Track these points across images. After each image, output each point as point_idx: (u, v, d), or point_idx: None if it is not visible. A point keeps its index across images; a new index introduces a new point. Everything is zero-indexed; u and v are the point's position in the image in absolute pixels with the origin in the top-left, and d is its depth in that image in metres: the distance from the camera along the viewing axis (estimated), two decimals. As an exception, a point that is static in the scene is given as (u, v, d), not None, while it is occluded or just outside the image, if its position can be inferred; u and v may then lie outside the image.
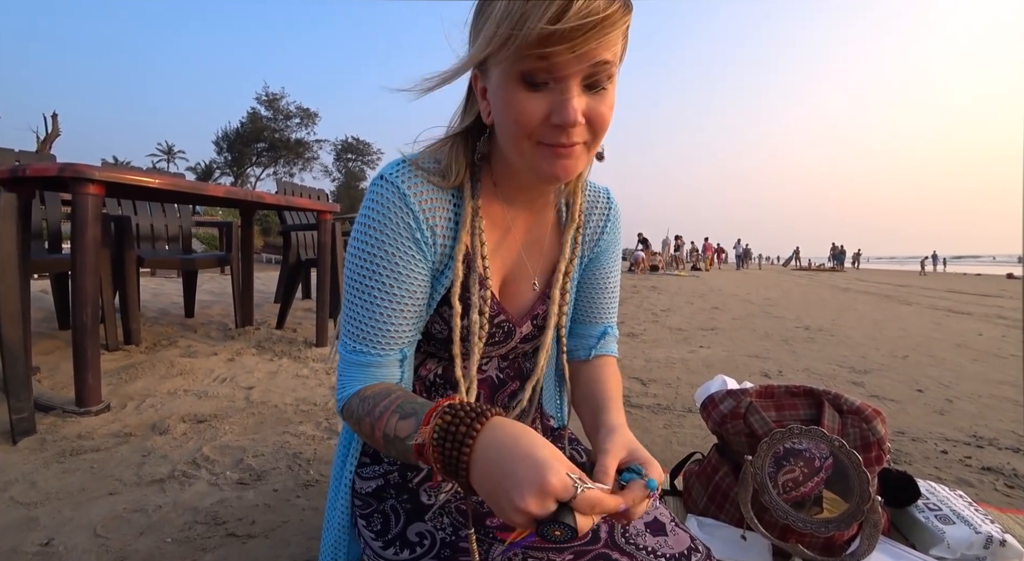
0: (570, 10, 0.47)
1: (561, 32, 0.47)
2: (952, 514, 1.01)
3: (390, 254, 0.59)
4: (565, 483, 0.40)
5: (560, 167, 0.55)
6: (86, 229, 1.57)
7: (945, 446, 1.65)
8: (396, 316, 0.61)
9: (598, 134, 0.56)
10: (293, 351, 2.56)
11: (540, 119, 0.52)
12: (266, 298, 4.54)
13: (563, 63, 0.50)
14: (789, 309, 5.90)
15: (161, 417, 1.62)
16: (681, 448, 1.53)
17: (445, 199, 0.63)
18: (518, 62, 0.50)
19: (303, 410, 1.74)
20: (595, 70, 0.51)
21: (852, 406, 0.99)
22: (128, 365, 2.15)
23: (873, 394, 2.25)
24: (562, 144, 0.53)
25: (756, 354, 3.06)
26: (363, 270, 0.60)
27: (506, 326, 0.69)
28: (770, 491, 0.90)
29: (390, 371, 0.63)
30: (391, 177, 0.60)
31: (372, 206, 0.60)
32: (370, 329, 0.61)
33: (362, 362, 0.62)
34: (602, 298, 0.78)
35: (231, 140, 34.68)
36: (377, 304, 0.60)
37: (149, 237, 2.96)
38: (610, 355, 0.80)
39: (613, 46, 0.51)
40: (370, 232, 0.60)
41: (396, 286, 0.60)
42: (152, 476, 1.24)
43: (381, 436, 0.54)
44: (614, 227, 0.78)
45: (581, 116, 0.52)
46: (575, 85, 0.51)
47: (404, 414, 0.53)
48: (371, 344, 0.61)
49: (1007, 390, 2.42)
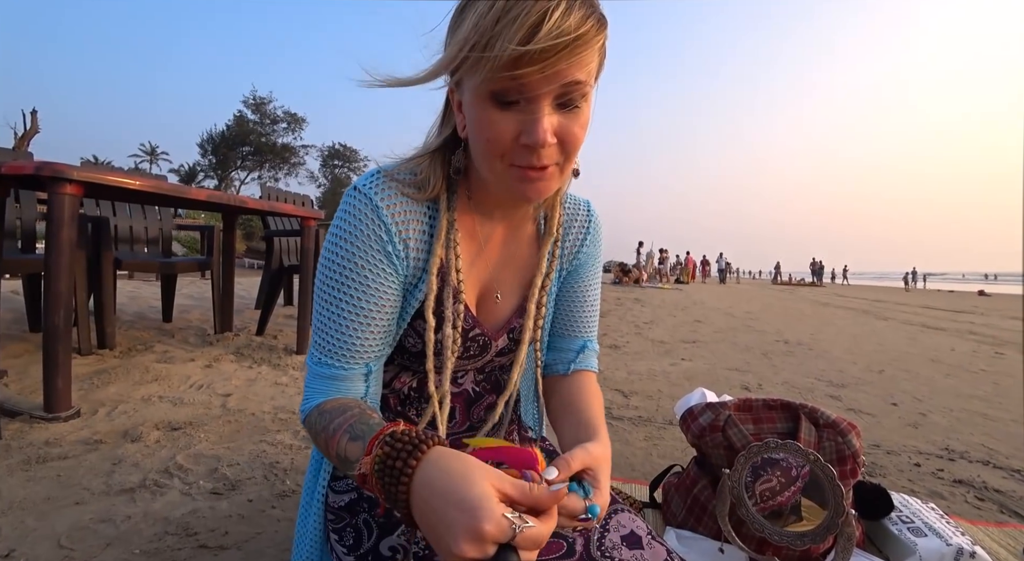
0: (540, 31, 0.46)
1: (531, 54, 0.46)
2: (924, 526, 1.03)
3: (359, 267, 0.58)
4: (501, 526, 0.39)
5: (532, 189, 0.55)
6: (61, 230, 1.54)
7: (918, 459, 1.68)
8: (363, 330, 0.60)
9: (570, 154, 0.55)
10: (273, 358, 2.52)
11: (510, 139, 0.52)
12: (247, 304, 4.47)
13: (533, 84, 0.49)
14: (769, 323, 5.99)
15: (134, 424, 1.58)
16: (661, 460, 1.54)
17: (420, 212, 0.62)
18: (489, 82, 0.49)
19: (281, 419, 1.71)
20: (567, 90, 0.50)
21: (828, 420, 1.01)
22: (101, 370, 2.10)
23: (850, 407, 2.29)
24: (533, 166, 0.53)
25: (737, 367, 3.09)
26: (332, 282, 0.59)
27: (481, 339, 0.69)
28: (747, 504, 0.91)
29: (354, 385, 0.62)
30: (364, 189, 0.59)
31: (344, 218, 0.59)
32: (336, 342, 0.60)
33: (326, 375, 0.61)
34: (581, 311, 0.77)
35: (216, 143, 34.28)
36: (344, 317, 0.59)
37: (128, 239, 2.90)
38: (590, 370, 0.78)
39: (586, 66, 0.50)
40: (341, 244, 0.59)
41: (364, 299, 0.59)
42: (122, 485, 1.20)
43: (335, 454, 0.53)
44: (594, 240, 0.77)
45: (552, 136, 0.51)
46: (546, 105, 0.50)
47: (353, 436, 0.52)
48: (336, 357, 0.60)
49: (978, 404, 2.48)
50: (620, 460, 1.54)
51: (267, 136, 34.38)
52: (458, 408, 0.74)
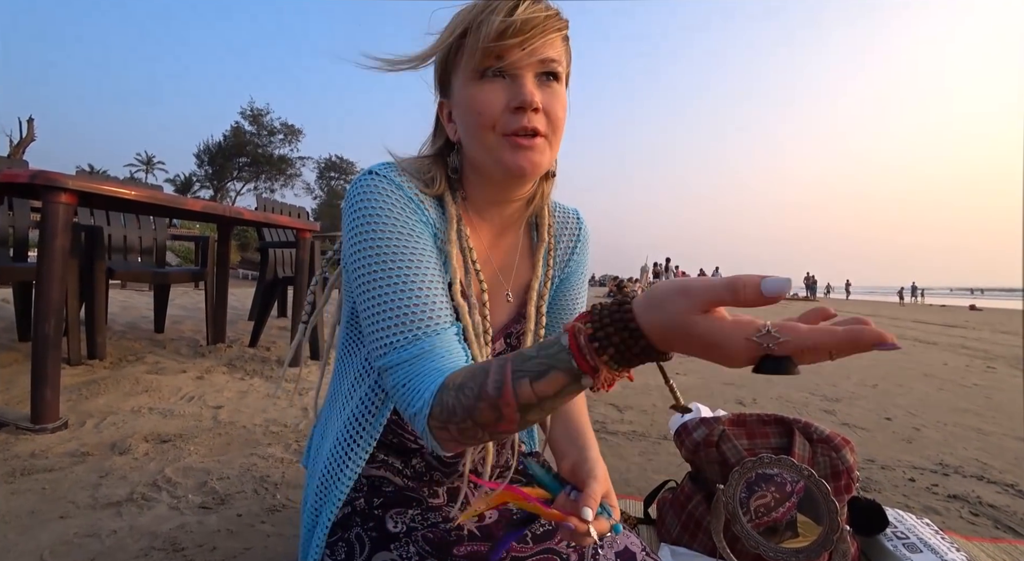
0: (518, 10, 0.55)
1: (514, 26, 0.54)
2: (919, 542, 1.03)
3: (405, 234, 0.57)
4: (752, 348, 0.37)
5: (524, 159, 0.57)
6: (54, 239, 1.53)
7: (913, 474, 1.68)
8: (435, 288, 0.56)
9: (555, 127, 0.59)
10: (265, 370, 2.50)
11: (500, 107, 0.57)
12: (240, 315, 4.45)
13: (516, 60, 0.56)
14: (764, 337, 6.00)
15: (122, 436, 1.56)
16: (656, 476, 1.53)
17: (432, 201, 0.64)
18: (480, 60, 0.56)
19: (273, 432, 1.70)
20: (545, 67, 0.58)
21: (822, 435, 1.01)
22: (90, 380, 2.07)
23: (844, 422, 2.29)
24: (524, 129, 0.56)
25: (731, 382, 3.09)
26: (379, 257, 0.55)
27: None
28: (741, 520, 0.90)
29: (453, 349, 0.54)
30: (382, 171, 0.61)
31: (368, 195, 0.58)
32: (409, 314, 0.53)
33: (416, 354, 0.52)
34: (570, 319, 0.77)
35: (212, 153, 34.36)
36: (409, 285, 0.54)
37: (121, 249, 2.89)
38: None
39: (557, 47, 0.59)
40: (376, 220, 0.56)
41: (422, 261, 0.56)
42: (108, 499, 1.18)
43: (518, 405, 0.44)
44: (583, 249, 0.78)
45: (538, 100, 0.56)
46: (529, 76, 0.57)
47: (533, 371, 0.44)
48: (422, 326, 0.53)
49: (971, 419, 2.49)
50: (615, 475, 1.53)
51: (264, 147, 34.51)
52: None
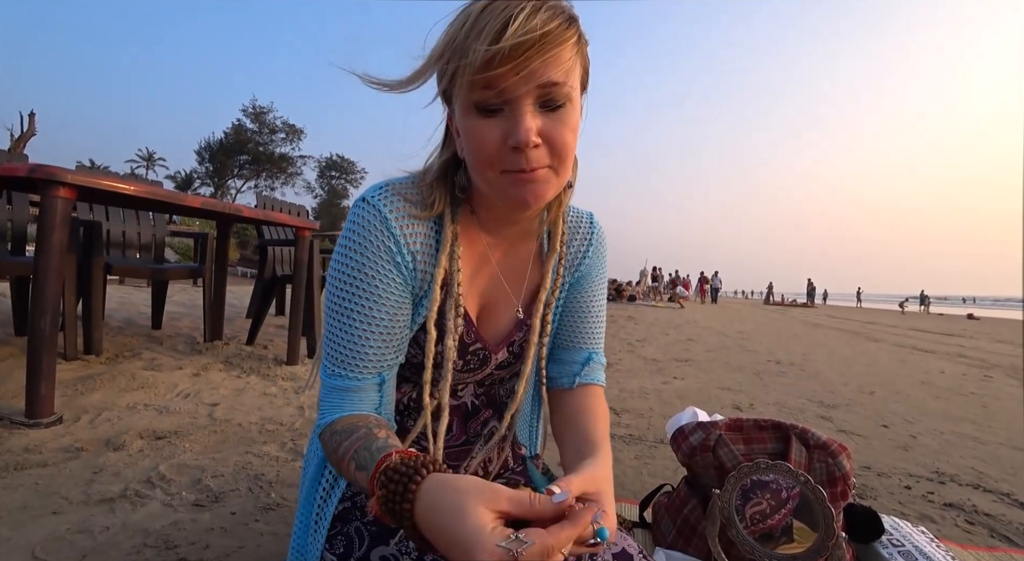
0: (507, 31, 0.47)
1: (502, 52, 0.48)
2: (915, 550, 1.02)
3: (370, 277, 0.59)
4: (497, 555, 0.38)
5: (527, 192, 0.54)
6: (52, 233, 1.52)
7: (909, 482, 1.68)
8: (374, 339, 0.60)
9: (561, 156, 0.55)
10: (262, 368, 2.49)
11: (498, 144, 0.53)
12: (238, 312, 4.44)
13: (510, 86, 0.50)
14: (762, 343, 6.01)
15: (117, 432, 1.55)
16: (652, 480, 1.52)
17: (427, 226, 0.62)
18: (470, 93, 0.52)
19: (268, 430, 1.69)
20: (546, 91, 0.52)
21: (819, 441, 1.00)
22: (86, 376, 2.06)
23: (841, 429, 2.29)
24: (522, 170, 0.53)
25: (728, 386, 3.09)
26: (343, 292, 0.59)
27: (481, 353, 0.69)
28: (737, 525, 0.90)
29: (368, 396, 0.62)
30: (373, 200, 0.60)
31: (353, 229, 0.59)
32: (349, 352, 0.60)
33: (339, 387, 0.61)
34: (585, 323, 0.77)
35: (213, 150, 34.33)
36: (356, 327, 0.59)
37: (120, 244, 2.88)
38: (596, 384, 0.77)
39: (561, 64, 0.51)
40: (351, 254, 0.59)
41: (376, 308, 0.59)
42: (102, 495, 1.18)
43: (348, 478, 0.55)
44: (597, 251, 0.77)
45: (536, 136, 0.52)
46: (527, 106, 0.51)
47: (359, 464, 0.53)
48: (349, 368, 0.60)
49: (968, 427, 2.49)
50: (610, 478, 1.52)
51: (265, 145, 34.49)
52: (456, 421, 0.73)
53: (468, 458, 0.74)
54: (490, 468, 0.78)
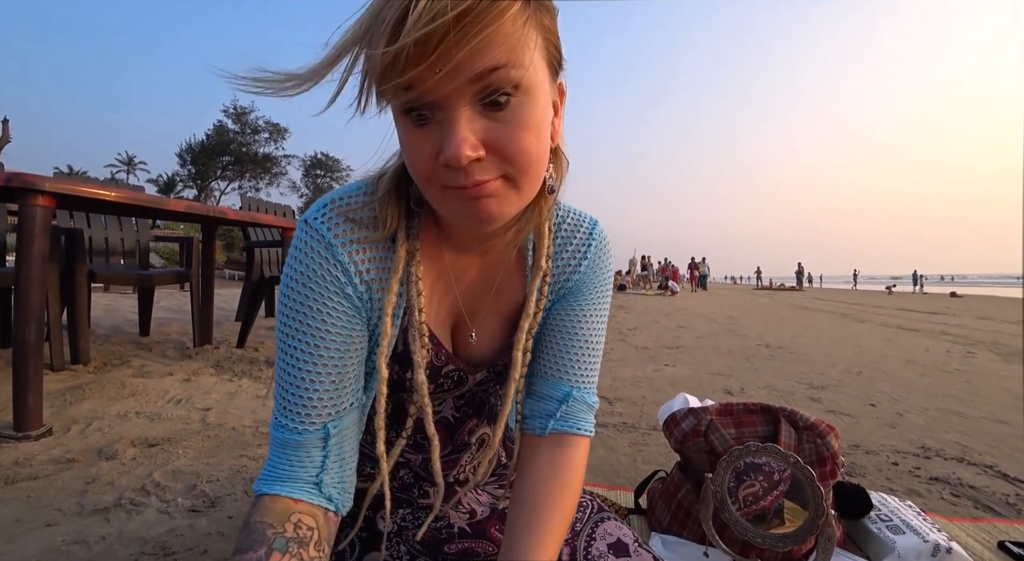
0: (407, 20, 0.36)
1: (406, 51, 0.37)
2: (902, 524, 1.05)
3: (315, 311, 0.50)
4: None
5: (480, 209, 0.44)
6: (33, 242, 1.50)
7: (896, 458, 1.71)
8: (321, 382, 0.52)
9: (519, 163, 0.43)
10: (254, 371, 2.48)
11: (431, 159, 0.43)
12: (227, 316, 4.40)
13: (432, 87, 0.39)
14: (751, 328, 6.08)
15: (108, 441, 1.54)
16: (646, 466, 1.54)
17: (381, 248, 0.54)
18: (392, 97, 0.41)
19: (262, 432, 1.68)
20: (486, 83, 0.40)
21: (807, 422, 1.03)
22: (74, 386, 2.04)
23: (830, 409, 2.33)
24: (463, 186, 0.43)
25: (719, 372, 3.13)
26: (287, 329, 0.51)
27: (456, 375, 0.62)
28: (730, 508, 0.92)
29: (309, 455, 0.52)
30: (315, 223, 0.51)
31: (296, 256, 0.51)
32: (293, 398, 0.52)
33: (279, 441, 0.52)
34: (567, 349, 0.62)
35: (196, 152, 33.84)
36: (299, 369, 0.51)
37: (103, 251, 2.84)
38: (576, 434, 0.62)
39: (500, 45, 0.39)
40: (294, 285, 0.51)
41: (322, 346, 0.51)
42: (96, 505, 1.17)
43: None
44: (592, 265, 0.63)
45: (474, 148, 0.41)
46: (462, 108, 0.41)
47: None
48: (291, 416, 0.52)
49: (952, 403, 2.55)
50: (605, 467, 1.54)
51: (248, 146, 34.04)
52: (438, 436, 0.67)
53: (457, 467, 0.71)
54: (479, 472, 0.74)
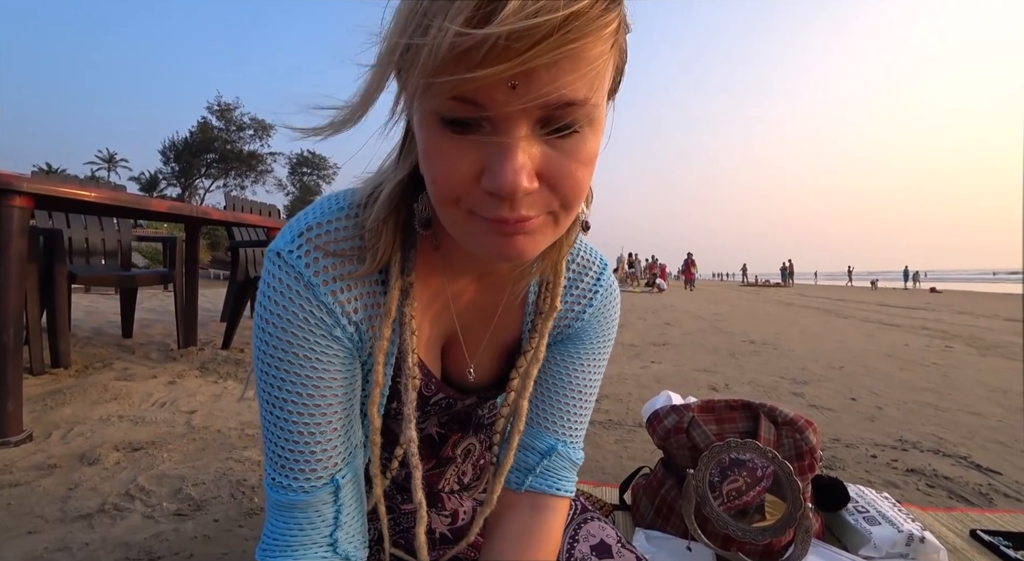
0: (508, 2, 0.27)
1: (488, 44, 0.28)
2: (878, 515, 1.08)
3: (302, 358, 0.44)
4: None
5: (510, 247, 0.37)
6: (10, 244, 1.47)
7: (875, 451, 1.76)
8: (321, 435, 0.46)
9: (568, 200, 0.36)
10: (239, 373, 2.46)
11: (468, 179, 0.34)
12: (212, 316, 4.35)
13: (497, 101, 0.31)
14: (737, 324, 6.15)
15: (91, 446, 1.52)
16: (631, 463, 1.57)
17: (369, 283, 0.47)
18: (432, 96, 0.32)
19: (248, 434, 1.68)
20: (559, 114, 0.32)
21: (786, 418, 1.05)
22: (55, 390, 2.01)
23: (812, 404, 2.37)
24: (504, 220, 0.35)
25: (705, 368, 3.17)
26: (272, 379, 0.45)
27: (445, 402, 0.58)
28: (711, 503, 0.94)
29: (322, 512, 0.48)
30: (290, 258, 0.44)
31: (270, 295, 0.44)
32: (289, 455, 0.46)
33: (281, 503, 0.47)
34: (558, 398, 0.58)
35: (179, 150, 33.36)
36: (293, 422, 0.45)
37: (83, 251, 2.79)
38: (554, 495, 0.57)
39: (586, 71, 0.31)
40: (272, 330, 0.44)
41: (316, 396, 0.45)
42: (79, 511, 1.16)
43: None
44: (596, 314, 0.57)
45: (531, 178, 0.33)
46: (522, 127, 0.32)
47: None
48: (293, 475, 0.46)
49: (929, 396, 2.61)
50: (591, 463, 1.56)
51: (233, 143, 33.61)
52: (423, 453, 0.64)
53: (442, 480, 0.69)
54: (465, 480, 0.73)
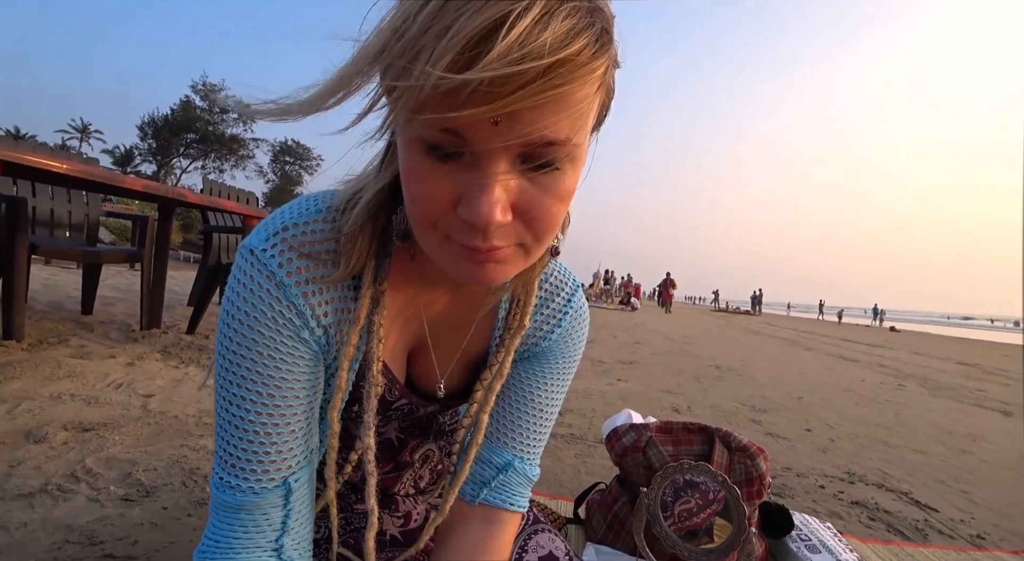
0: (494, 45, 0.28)
1: (471, 86, 0.29)
2: (819, 544, 1.13)
3: (266, 357, 0.44)
4: None
5: (481, 273, 0.38)
6: (-27, 210, 1.43)
7: (823, 482, 1.82)
8: (277, 435, 0.45)
9: (540, 233, 0.37)
10: (203, 359, 2.40)
11: (445, 204, 0.36)
12: (179, 299, 4.24)
13: (480, 137, 0.32)
14: (705, 348, 6.28)
15: (38, 423, 1.47)
16: (589, 478, 1.59)
17: (340, 288, 0.47)
18: (416, 126, 0.32)
19: (206, 423, 1.64)
20: (539, 152, 0.34)
21: (739, 444, 1.09)
22: (5, 363, 1.93)
23: (768, 432, 2.44)
24: (476, 247, 0.36)
25: (670, 389, 3.23)
26: (232, 376, 0.44)
27: (407, 408, 0.58)
28: (661, 522, 0.96)
29: (269, 515, 0.47)
30: (264, 257, 0.44)
31: (239, 291, 0.44)
32: (242, 455, 0.45)
33: (231, 504, 0.46)
34: (519, 415, 0.58)
35: (158, 126, 32.49)
36: (250, 421, 0.44)
37: (48, 222, 2.70)
38: (506, 510, 0.58)
39: (570, 112, 0.32)
40: (238, 327, 0.44)
41: (277, 396, 0.45)
42: (20, 490, 1.12)
43: None
44: (564, 335, 0.58)
45: (506, 211, 0.35)
46: (502, 162, 0.33)
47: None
48: (241, 475, 0.45)
49: (879, 432, 2.71)
50: (549, 476, 1.58)
51: (215, 125, 32.91)
52: (381, 456, 0.63)
53: (398, 484, 0.69)
54: (421, 485, 0.72)
